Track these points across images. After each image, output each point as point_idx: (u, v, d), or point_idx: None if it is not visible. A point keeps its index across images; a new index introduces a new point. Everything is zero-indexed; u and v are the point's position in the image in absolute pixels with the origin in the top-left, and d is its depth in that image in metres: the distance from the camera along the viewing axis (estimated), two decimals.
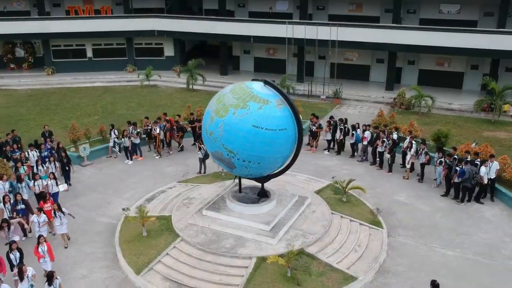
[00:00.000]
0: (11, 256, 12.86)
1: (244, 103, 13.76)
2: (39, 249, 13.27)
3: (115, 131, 21.75)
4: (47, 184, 16.93)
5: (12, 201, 15.46)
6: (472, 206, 17.70)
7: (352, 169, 20.80)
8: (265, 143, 13.69)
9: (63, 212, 14.93)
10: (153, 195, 18.18)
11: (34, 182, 16.94)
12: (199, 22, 34.69)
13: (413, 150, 19.52)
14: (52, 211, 14.99)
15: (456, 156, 18.25)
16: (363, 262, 14.13)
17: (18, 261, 12.82)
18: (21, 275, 12.05)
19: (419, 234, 15.89)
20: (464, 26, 30.26)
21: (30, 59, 38.24)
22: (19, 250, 13.06)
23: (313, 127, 22.49)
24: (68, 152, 20.88)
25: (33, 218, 14.68)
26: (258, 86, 14.28)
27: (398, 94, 28.97)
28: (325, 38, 30.51)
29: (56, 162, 18.84)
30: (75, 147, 21.54)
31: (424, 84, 32.17)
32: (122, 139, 21.34)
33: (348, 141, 22.10)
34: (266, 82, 14.43)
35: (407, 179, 19.80)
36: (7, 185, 16.59)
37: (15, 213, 15.33)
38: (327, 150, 22.66)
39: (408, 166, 19.83)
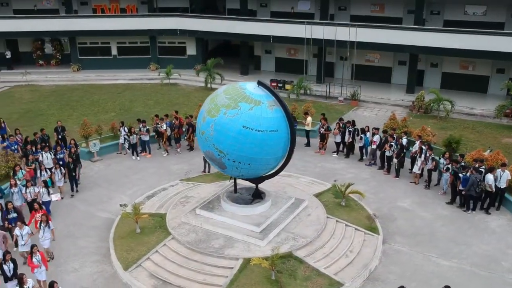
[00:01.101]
0: (5, 267, 12.37)
1: (235, 104, 13.74)
2: (34, 259, 12.73)
3: (125, 128, 22.11)
4: (39, 192, 16.37)
5: (3, 210, 14.95)
6: (477, 215, 17.08)
7: (358, 173, 20.43)
8: (255, 144, 13.61)
9: (48, 225, 14.23)
10: (154, 192, 18.39)
11: (26, 189, 16.27)
12: (220, 21, 34.82)
13: (423, 155, 18.98)
14: (38, 222, 14.26)
15: (463, 163, 17.66)
16: (353, 268, 13.86)
17: (12, 272, 12.40)
18: (21, 286, 11.66)
19: (416, 242, 15.47)
20: (490, 28, 29.17)
21: (58, 56, 39.32)
22: (13, 261, 12.62)
23: (322, 129, 22.20)
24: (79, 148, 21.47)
25: (16, 231, 13.89)
26: (251, 87, 14.22)
27: (417, 98, 28.24)
28: (344, 39, 30.06)
29: (62, 168, 18.16)
30: (86, 143, 21.99)
31: (447, 87, 31.26)
32: (131, 136, 21.68)
33: (358, 144, 21.72)
34: (259, 83, 14.34)
35: (417, 184, 19.29)
36: None
37: (6, 222, 14.77)
38: (336, 153, 22.33)
39: (417, 171, 19.29)
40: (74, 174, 18.59)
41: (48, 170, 18.15)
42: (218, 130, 13.74)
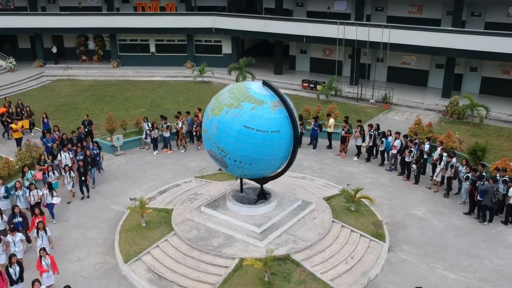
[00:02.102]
0: (11, 270, 12.23)
1: (238, 103, 13.73)
2: (43, 263, 12.51)
3: (149, 123, 22.57)
4: (42, 195, 16.22)
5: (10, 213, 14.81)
6: (495, 227, 16.26)
7: (377, 178, 19.92)
8: (256, 144, 13.54)
9: (46, 232, 13.90)
10: (167, 188, 18.71)
11: (29, 192, 16.05)
12: (254, 20, 34.81)
13: (443, 163, 18.26)
14: (36, 230, 13.89)
15: (483, 173, 16.84)
16: (351, 275, 13.54)
17: (17, 275, 12.29)
18: None
19: (424, 252, 14.92)
20: None
21: (99, 52, 40.64)
22: (19, 264, 12.54)
23: (343, 131, 21.78)
24: (102, 141, 22.15)
25: (8, 237, 13.56)
26: (256, 87, 14.16)
27: (450, 102, 27.16)
28: (377, 40, 29.34)
29: (72, 171, 17.93)
30: (110, 137, 22.63)
31: (487, 93, 29.93)
32: (152, 131, 22.13)
33: (379, 149, 21.16)
34: (264, 83, 14.25)
35: (436, 191, 18.59)
36: (2, 190, 15.92)
37: (12, 226, 14.41)
38: (357, 157, 21.85)
39: (437, 178, 18.58)
40: (84, 178, 17.96)
41: (56, 172, 18.05)
42: (220, 128, 13.79)
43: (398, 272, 14.01)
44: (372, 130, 21.01)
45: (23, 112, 24.85)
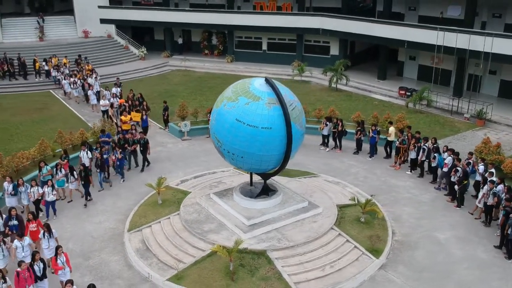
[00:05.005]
0: (35, 267, 12.31)
1: (236, 97, 14.28)
2: (58, 261, 12.63)
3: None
4: (43, 192, 16.32)
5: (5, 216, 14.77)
6: None
7: (419, 195, 18.50)
8: (246, 138, 13.93)
9: (51, 234, 13.76)
10: (203, 174, 19.89)
11: (30, 188, 16.24)
12: (358, 23, 33.81)
13: (486, 187, 16.31)
14: (41, 232, 13.85)
15: None
16: (321, 282, 13.18)
17: (41, 272, 12.39)
18: None
19: (418, 277, 13.73)
20: None
21: (220, 47, 43.59)
22: (42, 260, 12.57)
23: (397, 142, 20.56)
24: (173, 125, 24.27)
25: (15, 243, 13.34)
26: (257, 83, 14.51)
27: None
28: (479, 49, 26.57)
29: (75, 172, 17.67)
30: (180, 123, 24.64)
31: None
32: None
33: (432, 164, 19.53)
34: (267, 80, 14.50)
35: (478, 218, 16.70)
36: (10, 187, 16.20)
37: (7, 228, 14.49)
38: (410, 171, 20.43)
39: (479, 205, 16.65)
40: (83, 182, 17.67)
41: (63, 170, 17.70)
42: (218, 120, 14.49)
43: None
44: (425, 144, 19.49)
45: (141, 105, 25.86)
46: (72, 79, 30.54)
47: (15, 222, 14.52)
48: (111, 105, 26.25)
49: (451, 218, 16.84)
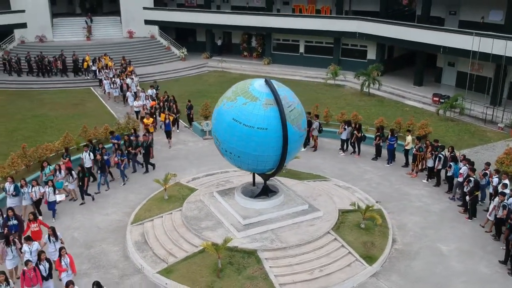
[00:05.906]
0: (41, 267, 12.28)
1: (234, 97, 14.48)
2: (62, 262, 12.58)
3: None
4: (44, 192, 16.52)
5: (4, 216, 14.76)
6: None
7: (431, 204, 17.93)
8: (242, 138, 14.08)
9: (56, 237, 13.69)
10: (215, 172, 20.19)
11: (31, 188, 16.35)
12: (394, 27, 33.06)
13: (496, 200, 15.60)
14: (46, 236, 13.69)
15: None
16: (306, 285, 13.12)
17: (47, 272, 12.37)
18: None
19: (411, 287, 13.30)
20: None
21: (259, 49, 43.87)
22: (48, 260, 12.56)
23: (414, 149, 19.99)
24: (196, 124, 24.78)
25: (25, 247, 13.21)
26: (257, 84, 14.62)
27: None
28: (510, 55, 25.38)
29: (73, 172, 17.78)
30: (202, 122, 25.12)
31: None
32: None
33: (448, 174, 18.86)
34: (266, 81, 14.58)
35: (489, 232, 16.00)
36: (12, 187, 16.23)
37: (6, 229, 14.21)
38: (427, 179, 19.81)
39: (489, 217, 15.94)
40: (81, 184, 17.76)
41: (62, 172, 17.82)
42: (217, 118, 14.74)
43: None
44: (442, 152, 18.84)
45: (171, 108, 26.12)
46: (112, 78, 31.65)
47: (14, 222, 14.54)
48: (143, 107, 27.07)
49: (459, 230, 16.20)
